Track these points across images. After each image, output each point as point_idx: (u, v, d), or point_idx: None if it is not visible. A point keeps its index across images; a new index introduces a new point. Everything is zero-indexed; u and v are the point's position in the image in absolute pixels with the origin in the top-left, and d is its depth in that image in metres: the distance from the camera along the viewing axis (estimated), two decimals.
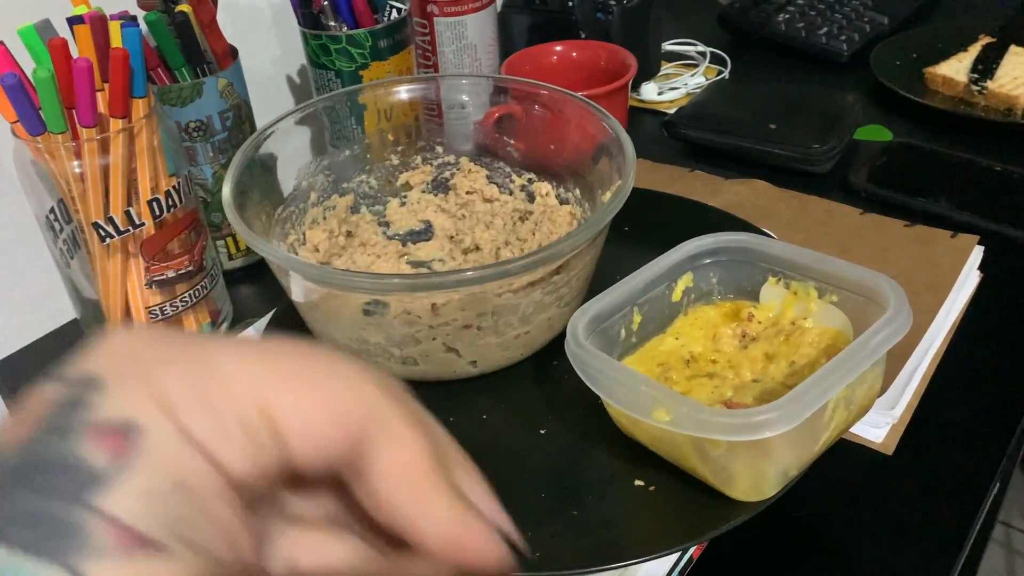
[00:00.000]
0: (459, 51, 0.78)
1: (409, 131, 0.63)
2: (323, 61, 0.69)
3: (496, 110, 0.62)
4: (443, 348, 0.48)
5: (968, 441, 0.51)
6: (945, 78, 0.84)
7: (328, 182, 0.60)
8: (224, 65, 0.64)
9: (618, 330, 0.47)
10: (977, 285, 0.61)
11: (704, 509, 0.42)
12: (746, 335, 0.48)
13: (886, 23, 0.97)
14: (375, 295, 0.46)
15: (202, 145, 0.63)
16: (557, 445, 0.47)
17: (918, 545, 0.45)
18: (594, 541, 0.42)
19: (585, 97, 0.56)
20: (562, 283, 0.48)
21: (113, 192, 0.54)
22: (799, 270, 0.47)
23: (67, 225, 0.56)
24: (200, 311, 0.61)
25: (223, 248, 0.68)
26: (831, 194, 0.71)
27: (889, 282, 0.43)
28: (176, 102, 0.61)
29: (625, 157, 0.50)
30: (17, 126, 0.51)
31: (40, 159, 0.53)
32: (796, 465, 0.41)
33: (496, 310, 0.47)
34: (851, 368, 0.39)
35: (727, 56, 0.95)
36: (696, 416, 0.38)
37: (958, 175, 0.71)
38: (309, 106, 0.58)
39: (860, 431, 0.50)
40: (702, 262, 0.49)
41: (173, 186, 0.56)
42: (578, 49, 0.79)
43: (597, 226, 0.46)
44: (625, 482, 0.44)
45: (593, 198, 0.56)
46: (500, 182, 0.62)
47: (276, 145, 0.56)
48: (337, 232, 0.58)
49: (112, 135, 0.52)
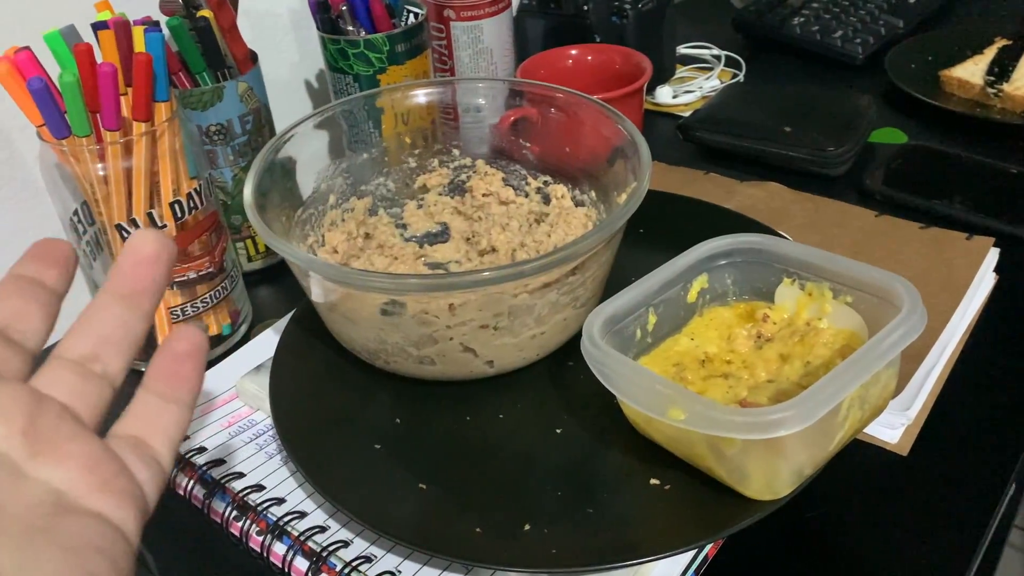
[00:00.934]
0: (475, 55, 0.78)
1: (426, 134, 0.64)
2: (341, 65, 0.70)
3: (512, 113, 0.62)
4: (460, 348, 0.48)
5: (983, 442, 0.51)
6: (961, 81, 0.84)
7: (347, 185, 0.60)
8: (244, 69, 0.65)
9: (633, 330, 0.48)
10: (992, 287, 0.61)
11: (719, 508, 0.42)
12: (761, 336, 0.48)
13: (901, 26, 0.97)
14: (393, 295, 0.46)
15: (222, 148, 0.64)
16: (572, 444, 0.48)
17: (933, 546, 0.45)
18: (609, 539, 0.42)
19: (601, 100, 0.56)
20: (578, 284, 0.49)
21: (136, 194, 0.55)
22: (814, 271, 0.47)
23: (90, 227, 0.57)
24: (220, 312, 0.62)
25: (242, 250, 0.69)
26: (846, 197, 0.71)
27: (903, 282, 0.43)
28: (197, 106, 0.62)
29: (640, 159, 0.50)
30: (43, 129, 0.52)
31: (65, 162, 0.54)
32: (811, 464, 0.42)
33: (512, 310, 0.47)
34: (865, 368, 0.39)
35: (742, 59, 0.95)
36: (711, 415, 0.38)
37: (974, 178, 0.71)
38: (328, 110, 0.59)
39: (875, 431, 0.51)
40: (717, 263, 0.50)
41: (194, 188, 0.57)
42: (593, 53, 0.80)
43: (612, 227, 0.47)
44: (640, 480, 0.45)
45: (608, 200, 0.56)
46: (516, 184, 0.63)
47: (295, 148, 0.56)
48: (355, 234, 0.59)
49: (135, 138, 0.53)
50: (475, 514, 0.44)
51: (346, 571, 0.44)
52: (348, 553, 0.45)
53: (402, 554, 0.45)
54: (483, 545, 0.42)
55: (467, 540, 0.42)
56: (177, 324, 0.59)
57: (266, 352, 0.60)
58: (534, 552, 0.41)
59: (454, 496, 0.45)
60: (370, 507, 0.44)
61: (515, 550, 0.42)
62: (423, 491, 0.45)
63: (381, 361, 0.51)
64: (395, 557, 0.45)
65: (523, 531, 0.43)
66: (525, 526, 0.43)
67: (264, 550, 0.46)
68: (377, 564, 0.44)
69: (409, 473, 0.47)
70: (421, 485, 0.46)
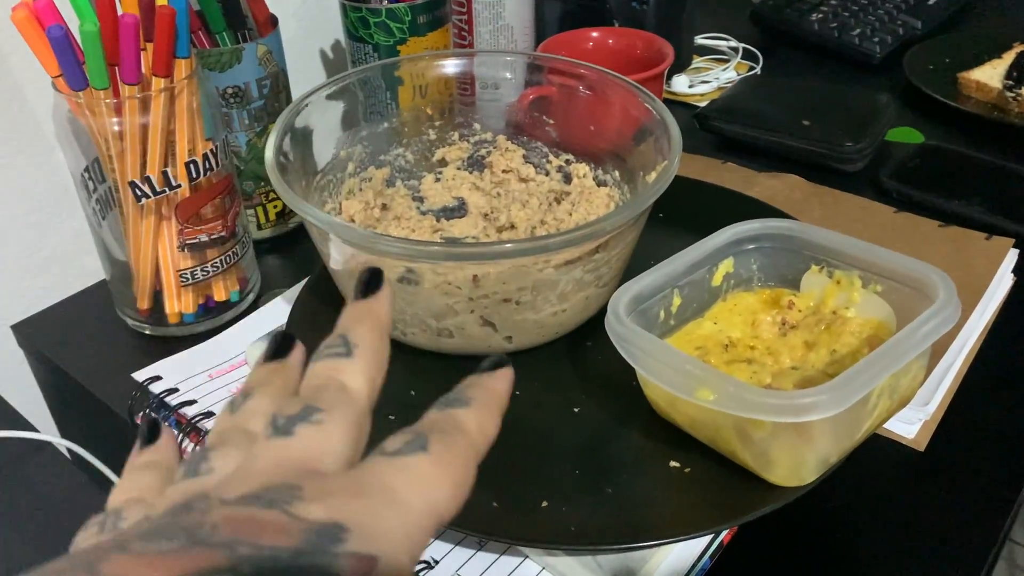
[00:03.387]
0: (495, 32, 0.77)
1: (444, 108, 0.63)
2: (361, 34, 0.69)
3: (531, 91, 0.61)
4: (480, 321, 0.48)
5: (1000, 441, 0.50)
6: (979, 83, 0.84)
7: (366, 153, 0.59)
8: (264, 32, 0.63)
9: (657, 312, 0.47)
10: (1010, 289, 0.61)
11: (740, 493, 0.42)
12: (785, 323, 0.48)
13: (919, 27, 0.97)
14: (416, 262, 0.45)
15: (238, 112, 0.63)
16: (591, 424, 0.47)
17: (948, 542, 0.45)
18: (627, 519, 0.41)
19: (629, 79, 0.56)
20: (602, 262, 0.48)
21: (151, 152, 0.53)
22: (844, 259, 0.47)
23: (101, 185, 0.55)
24: (229, 278, 0.61)
25: (252, 218, 0.68)
26: (861, 193, 0.70)
27: (939, 273, 0.42)
28: (215, 66, 0.61)
29: (671, 138, 0.50)
30: (59, 80, 0.51)
31: (80, 115, 0.52)
32: (837, 452, 0.41)
33: (536, 285, 0.46)
34: (899, 356, 0.39)
35: (759, 52, 0.95)
36: (742, 396, 0.38)
37: (991, 179, 0.71)
38: (347, 76, 0.58)
39: (893, 426, 0.50)
40: (744, 247, 0.49)
41: (210, 150, 0.56)
42: (614, 36, 0.79)
43: (642, 205, 0.46)
44: (660, 463, 0.44)
45: (633, 180, 0.55)
46: (536, 162, 0.62)
47: (313, 114, 0.55)
48: (372, 204, 0.58)
49: (154, 94, 0.52)
50: (491, 489, 0.43)
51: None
52: None
53: None
54: (500, 519, 0.41)
55: (483, 513, 0.41)
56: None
57: (275, 320, 0.59)
58: (552, 529, 0.41)
59: None
60: None
61: (533, 526, 0.41)
62: None
63: (398, 332, 0.50)
64: None
65: (541, 508, 0.42)
66: (543, 503, 0.42)
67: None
68: None
69: None
70: None
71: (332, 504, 0.20)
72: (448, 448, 0.22)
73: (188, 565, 0.18)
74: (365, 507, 0.20)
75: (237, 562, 0.18)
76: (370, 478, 0.21)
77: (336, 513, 0.20)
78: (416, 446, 0.22)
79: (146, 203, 0.54)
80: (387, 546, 0.20)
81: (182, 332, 0.60)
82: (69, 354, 0.61)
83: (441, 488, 0.22)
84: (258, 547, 0.18)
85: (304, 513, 0.19)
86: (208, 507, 0.20)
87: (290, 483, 0.20)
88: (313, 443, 0.22)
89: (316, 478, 0.21)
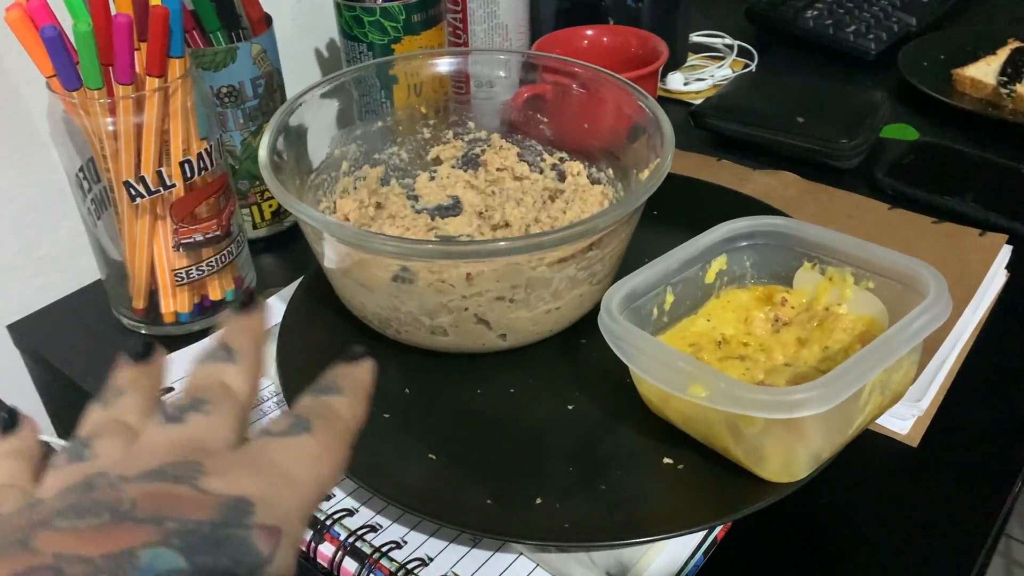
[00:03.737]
0: (490, 30, 0.77)
1: (439, 106, 0.63)
2: (356, 33, 0.69)
3: (525, 90, 0.62)
4: (474, 319, 0.48)
5: (993, 437, 0.50)
6: (973, 80, 0.84)
7: (360, 152, 0.59)
8: (258, 31, 0.63)
9: (650, 309, 0.47)
10: (1003, 285, 0.61)
11: (733, 489, 0.42)
12: (779, 319, 0.48)
13: (914, 24, 0.97)
14: (411, 260, 0.45)
15: (232, 111, 0.63)
16: (585, 421, 0.47)
17: (941, 538, 0.45)
18: (621, 516, 0.42)
19: (623, 77, 0.56)
20: (596, 260, 0.48)
21: (145, 151, 0.54)
22: (837, 256, 0.47)
23: (96, 184, 0.55)
24: (224, 277, 0.61)
25: (247, 217, 0.68)
26: (856, 190, 0.71)
27: (930, 269, 0.42)
28: (210, 66, 0.61)
29: (663, 136, 0.50)
30: (53, 81, 0.51)
31: (74, 115, 0.53)
32: (829, 448, 0.41)
33: (530, 283, 0.46)
34: (890, 352, 0.39)
35: (754, 50, 0.95)
36: (734, 392, 0.38)
37: (985, 176, 0.71)
38: (342, 76, 0.58)
39: (886, 422, 0.50)
40: (737, 244, 0.49)
41: (204, 149, 0.56)
42: (609, 34, 0.79)
43: (635, 202, 0.46)
44: (653, 459, 0.44)
45: (627, 178, 0.55)
46: (531, 160, 0.62)
47: (308, 113, 0.56)
48: (367, 203, 0.58)
49: (148, 94, 0.52)
50: (485, 485, 0.43)
51: (350, 540, 0.43)
52: (353, 522, 0.44)
53: (409, 524, 0.44)
54: (494, 516, 0.41)
55: (477, 510, 0.42)
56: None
57: (270, 320, 0.59)
58: (546, 525, 0.41)
59: (464, 467, 0.45)
60: (377, 474, 0.43)
61: (526, 522, 0.41)
62: (432, 461, 0.45)
63: (392, 330, 0.50)
64: (401, 527, 0.44)
65: (535, 504, 0.42)
66: (537, 499, 0.42)
67: None
68: (382, 534, 0.44)
69: (418, 443, 0.46)
70: (430, 455, 0.45)
71: (233, 479, 0.21)
72: (328, 430, 0.24)
73: (123, 540, 0.19)
74: (265, 483, 0.22)
75: (167, 536, 0.19)
76: (263, 456, 0.23)
77: (239, 488, 0.21)
78: (300, 428, 0.24)
79: (141, 203, 0.55)
80: (287, 518, 0.21)
81: (178, 331, 0.60)
82: (65, 354, 0.61)
83: (326, 465, 0.24)
84: (182, 521, 0.20)
85: (211, 487, 0.21)
86: (112, 484, 0.21)
87: (190, 460, 0.22)
88: (203, 427, 0.23)
89: (213, 456, 0.22)
